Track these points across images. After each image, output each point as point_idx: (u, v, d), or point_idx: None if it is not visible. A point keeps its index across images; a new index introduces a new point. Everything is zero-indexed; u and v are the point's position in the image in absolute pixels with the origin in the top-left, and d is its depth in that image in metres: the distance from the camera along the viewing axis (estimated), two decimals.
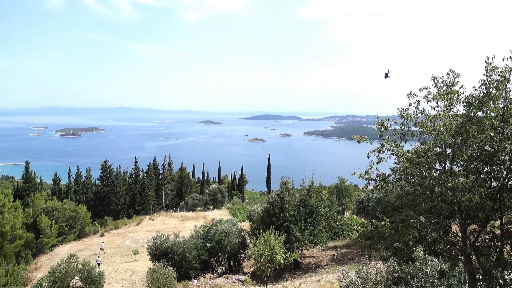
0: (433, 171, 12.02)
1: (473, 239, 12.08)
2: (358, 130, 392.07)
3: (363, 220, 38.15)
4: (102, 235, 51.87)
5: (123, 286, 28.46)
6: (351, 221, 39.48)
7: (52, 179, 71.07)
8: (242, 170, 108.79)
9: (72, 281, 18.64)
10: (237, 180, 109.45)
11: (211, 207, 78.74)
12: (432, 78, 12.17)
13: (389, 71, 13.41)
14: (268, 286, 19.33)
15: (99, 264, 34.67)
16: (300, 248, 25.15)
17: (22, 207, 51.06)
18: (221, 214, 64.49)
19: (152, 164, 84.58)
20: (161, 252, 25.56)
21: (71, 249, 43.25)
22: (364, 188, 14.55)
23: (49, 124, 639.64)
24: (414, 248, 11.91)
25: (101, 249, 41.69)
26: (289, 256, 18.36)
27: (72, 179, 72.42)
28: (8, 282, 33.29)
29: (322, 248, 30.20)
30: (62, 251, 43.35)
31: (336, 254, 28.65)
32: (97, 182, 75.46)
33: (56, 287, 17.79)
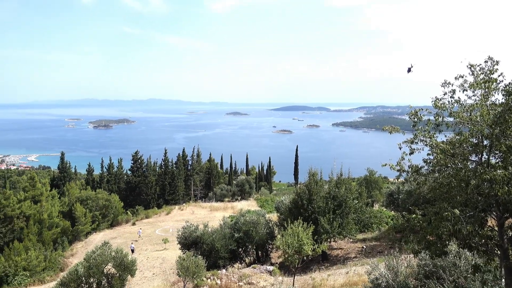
0: (468, 163, 11.59)
1: (510, 233, 11.61)
2: (388, 121, 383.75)
3: (393, 212, 37.44)
4: (133, 224, 53.35)
5: (154, 274, 29.23)
6: (380, 214, 38.83)
7: (86, 169, 73.65)
8: (269, 162, 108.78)
9: (106, 267, 19.26)
10: (264, 171, 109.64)
11: (239, 198, 79.33)
12: (469, 66, 11.65)
13: (412, 66, 13.13)
14: (296, 277, 19.34)
15: (133, 250, 35.79)
16: (328, 240, 24.99)
17: (58, 196, 53.36)
18: (248, 205, 64.90)
19: (181, 155, 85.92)
20: (190, 241, 26.02)
21: (105, 237, 44.77)
22: (396, 180, 14.22)
23: (82, 116, 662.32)
24: (447, 242, 11.57)
25: (139, 235, 43.28)
26: (317, 247, 18.25)
27: (104, 170, 74.74)
28: (47, 267, 34.96)
29: (351, 240, 29.89)
30: (96, 239, 44.95)
31: (364, 246, 28.30)
32: (129, 172, 77.54)
33: (91, 273, 18.44)
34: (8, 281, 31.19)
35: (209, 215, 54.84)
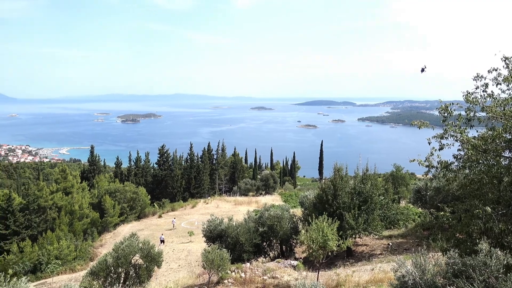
0: (501, 159, 11.19)
1: None
2: (416, 116, 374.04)
3: (420, 209, 36.63)
4: (160, 216, 54.39)
5: (179, 266, 29.78)
6: (407, 210, 38.04)
7: (114, 163, 75.51)
8: (294, 156, 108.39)
9: (134, 258, 19.75)
10: (289, 166, 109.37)
11: (263, 193, 79.50)
12: (503, 58, 11.20)
13: (425, 66, 13.03)
14: (320, 272, 19.26)
15: (163, 241, 36.60)
16: (353, 236, 24.72)
17: (88, 188, 55.00)
18: (273, 199, 64.94)
19: (206, 149, 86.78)
20: (215, 235, 26.29)
21: (132, 228, 45.87)
22: (424, 176, 13.93)
23: (111, 111, 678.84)
24: (478, 240, 11.24)
25: (173, 224, 44.32)
26: (342, 243, 18.08)
27: (132, 163, 76.44)
28: (78, 256, 36.22)
29: (376, 237, 29.44)
30: (124, 230, 46.11)
31: (390, 243, 27.85)
32: (155, 166, 78.98)
33: (119, 263, 18.96)
34: (41, 268, 32.55)
35: (234, 209, 55.23)
